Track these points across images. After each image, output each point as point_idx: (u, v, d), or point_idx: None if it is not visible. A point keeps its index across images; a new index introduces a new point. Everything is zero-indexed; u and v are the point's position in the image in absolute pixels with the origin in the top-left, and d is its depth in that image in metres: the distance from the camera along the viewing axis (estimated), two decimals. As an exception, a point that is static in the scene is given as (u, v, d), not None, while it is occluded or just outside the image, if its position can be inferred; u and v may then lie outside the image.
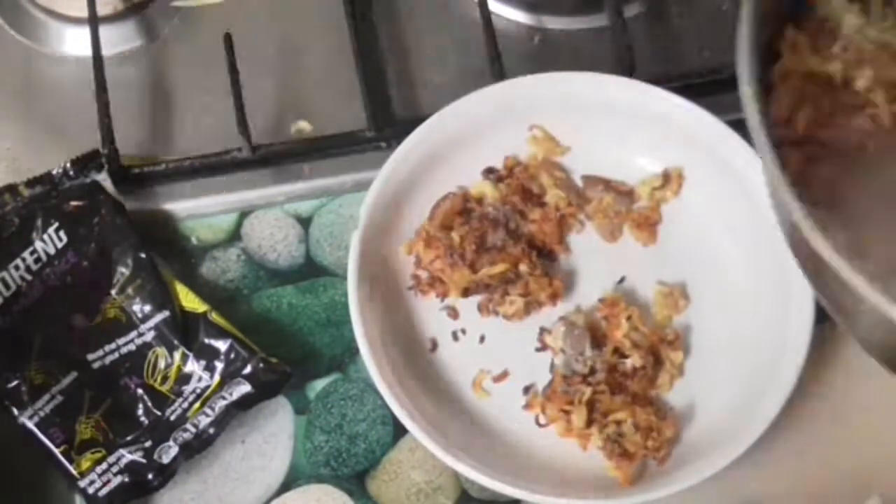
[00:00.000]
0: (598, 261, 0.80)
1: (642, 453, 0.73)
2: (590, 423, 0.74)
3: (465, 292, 0.77)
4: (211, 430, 0.74)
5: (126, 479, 0.72)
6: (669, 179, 0.80)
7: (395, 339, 0.76)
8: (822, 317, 0.73)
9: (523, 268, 0.77)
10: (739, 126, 0.81)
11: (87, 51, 0.81)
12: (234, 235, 0.81)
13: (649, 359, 0.75)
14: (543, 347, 0.77)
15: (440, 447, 0.72)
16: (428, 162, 0.78)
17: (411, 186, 0.78)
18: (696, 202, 0.80)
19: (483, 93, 0.78)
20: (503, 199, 0.79)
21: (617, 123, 0.80)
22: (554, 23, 0.88)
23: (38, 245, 0.75)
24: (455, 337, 0.78)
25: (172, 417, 0.74)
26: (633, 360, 0.75)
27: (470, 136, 0.79)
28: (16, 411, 0.72)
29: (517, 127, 0.80)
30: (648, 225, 0.79)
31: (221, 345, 0.75)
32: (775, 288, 0.76)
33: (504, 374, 0.77)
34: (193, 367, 0.74)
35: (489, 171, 0.80)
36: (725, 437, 0.73)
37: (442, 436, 0.73)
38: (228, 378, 0.74)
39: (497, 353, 0.78)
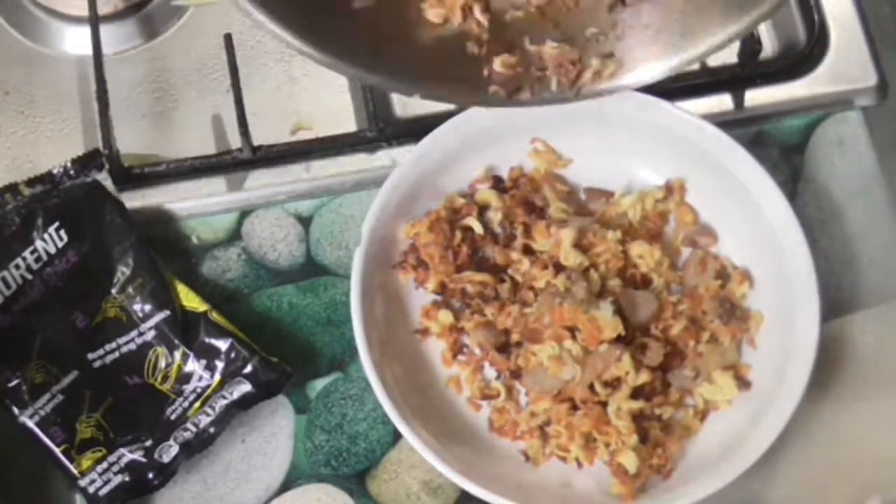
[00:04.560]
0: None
1: (646, 471, 0.73)
2: (593, 440, 0.75)
3: (441, 287, 0.77)
4: (211, 430, 0.74)
5: (126, 479, 0.72)
6: (672, 190, 0.80)
7: (396, 346, 0.77)
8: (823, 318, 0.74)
9: (503, 290, 0.77)
10: (739, 125, 0.82)
11: (87, 50, 0.81)
12: (235, 235, 0.81)
13: (657, 375, 0.75)
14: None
15: (435, 455, 0.72)
16: (430, 174, 0.78)
17: (413, 199, 0.78)
18: (699, 212, 0.80)
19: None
20: (507, 210, 0.79)
21: (618, 135, 0.80)
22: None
23: (39, 244, 0.75)
24: (462, 351, 0.78)
25: (173, 417, 0.74)
26: (641, 378, 0.75)
27: (471, 150, 0.79)
28: (16, 410, 0.72)
29: (519, 140, 0.80)
30: (651, 237, 0.79)
31: (222, 344, 0.75)
32: (778, 296, 0.76)
33: (500, 392, 0.77)
34: (194, 366, 0.74)
35: (496, 181, 0.80)
36: (731, 450, 0.73)
37: (437, 442, 0.73)
38: (229, 377, 0.74)
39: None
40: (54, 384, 0.73)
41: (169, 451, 0.73)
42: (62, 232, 0.75)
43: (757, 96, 0.85)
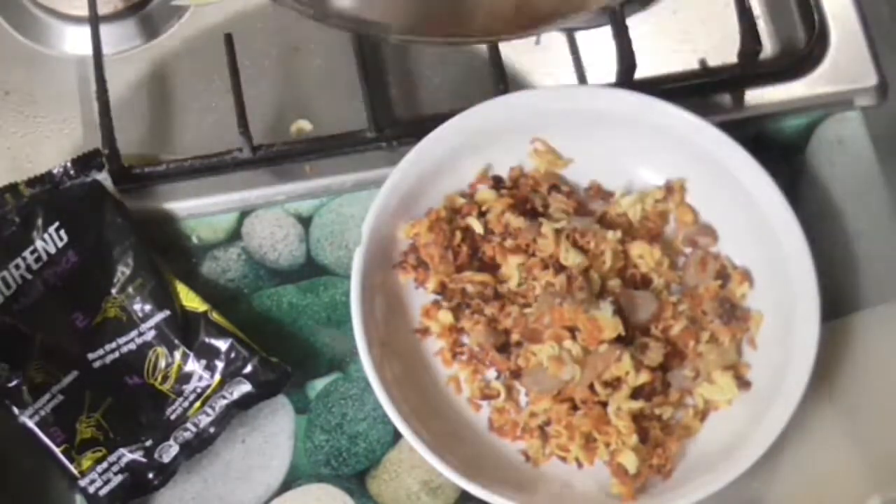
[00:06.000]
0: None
1: (646, 471, 0.73)
2: (593, 440, 0.74)
3: (441, 287, 0.77)
4: (211, 430, 0.74)
5: (126, 479, 0.72)
6: (672, 191, 0.80)
7: (396, 346, 0.77)
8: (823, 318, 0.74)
9: (503, 290, 0.77)
10: (739, 125, 0.82)
11: (87, 50, 0.81)
12: (235, 235, 0.81)
13: (658, 375, 0.75)
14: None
15: (435, 455, 0.71)
16: (430, 174, 0.78)
17: (413, 199, 0.78)
18: (699, 212, 0.80)
19: (484, 107, 0.78)
20: (506, 210, 0.79)
21: (619, 135, 0.79)
22: (554, 22, 0.88)
23: (39, 244, 0.75)
24: (462, 351, 0.78)
25: (173, 417, 0.74)
26: (641, 378, 0.74)
27: (471, 150, 0.79)
28: (16, 410, 0.72)
29: (519, 140, 0.80)
30: (651, 237, 0.79)
31: (222, 344, 0.75)
32: (778, 296, 0.76)
33: (500, 392, 0.77)
34: (194, 366, 0.74)
35: (496, 181, 0.80)
36: (731, 450, 0.73)
37: (437, 442, 0.73)
38: (229, 377, 0.74)
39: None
40: (54, 384, 0.73)
41: (169, 451, 0.73)
42: (62, 232, 0.75)
43: (757, 96, 0.85)
